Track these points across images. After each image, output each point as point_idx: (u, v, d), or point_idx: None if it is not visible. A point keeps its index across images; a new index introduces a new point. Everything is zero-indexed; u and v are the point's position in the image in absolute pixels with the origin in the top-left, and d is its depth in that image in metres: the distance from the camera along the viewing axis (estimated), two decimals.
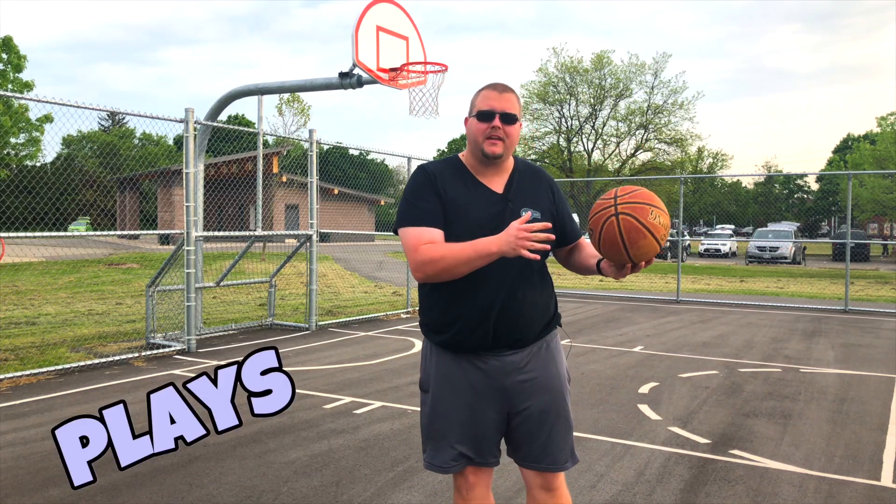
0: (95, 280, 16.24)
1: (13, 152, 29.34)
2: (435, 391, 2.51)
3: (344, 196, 36.52)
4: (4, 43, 27.66)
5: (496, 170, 2.50)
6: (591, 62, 39.43)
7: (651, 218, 2.23)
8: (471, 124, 2.47)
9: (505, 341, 2.43)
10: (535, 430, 2.48)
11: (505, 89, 2.45)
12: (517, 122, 2.45)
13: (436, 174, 2.47)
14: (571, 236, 2.63)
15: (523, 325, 2.43)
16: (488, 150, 2.42)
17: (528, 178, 2.55)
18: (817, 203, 60.58)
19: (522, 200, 2.47)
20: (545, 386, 2.48)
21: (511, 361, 2.45)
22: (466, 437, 2.46)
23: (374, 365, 7.37)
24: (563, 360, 2.59)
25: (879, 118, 43.26)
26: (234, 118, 58.79)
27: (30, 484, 3.96)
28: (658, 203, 2.28)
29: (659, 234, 2.26)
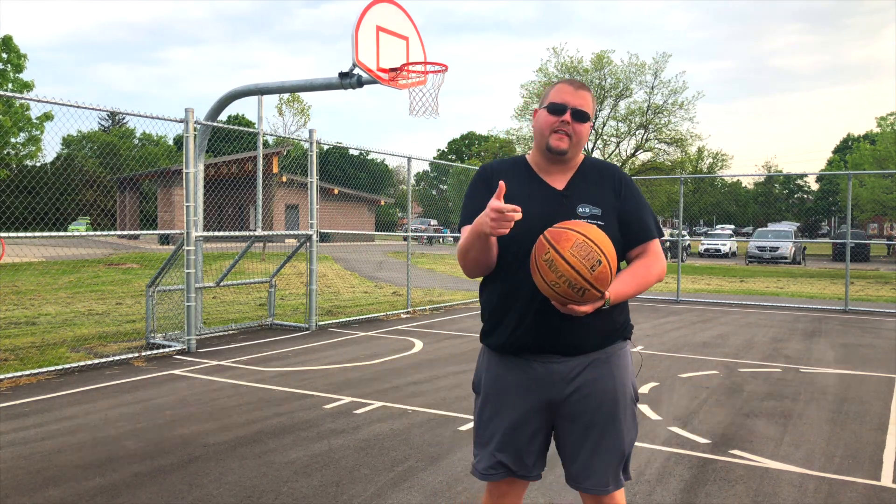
0: (95, 280, 16.24)
1: (13, 152, 29.33)
2: (483, 395, 2.44)
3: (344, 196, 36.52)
4: (4, 43, 27.65)
5: (561, 167, 2.39)
6: (591, 62, 39.42)
7: (543, 256, 2.12)
8: (539, 115, 2.37)
9: (551, 347, 2.30)
10: (578, 448, 2.35)
11: (581, 86, 2.35)
12: (588, 122, 2.34)
13: (494, 171, 2.41)
14: (633, 239, 2.39)
15: (573, 332, 2.28)
16: (553, 145, 2.32)
17: (593, 174, 2.41)
18: (817, 203, 60.60)
19: (581, 197, 2.34)
20: (596, 401, 2.32)
21: (558, 370, 2.31)
22: (508, 446, 2.36)
23: (374, 365, 7.37)
24: (626, 377, 2.38)
25: (879, 118, 43.28)
26: (234, 118, 58.79)
27: (30, 484, 3.96)
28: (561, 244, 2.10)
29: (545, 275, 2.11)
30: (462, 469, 4.25)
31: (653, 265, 2.36)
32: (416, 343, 8.80)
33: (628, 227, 2.36)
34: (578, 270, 2.07)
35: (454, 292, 15.30)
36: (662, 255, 2.41)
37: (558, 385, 2.31)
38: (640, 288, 2.31)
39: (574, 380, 2.31)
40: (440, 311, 12.13)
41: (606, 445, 2.33)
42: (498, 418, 2.38)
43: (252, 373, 6.92)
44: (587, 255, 2.09)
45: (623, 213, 2.35)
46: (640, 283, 2.32)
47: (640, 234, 2.37)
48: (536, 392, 2.33)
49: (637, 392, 2.44)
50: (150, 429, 5.01)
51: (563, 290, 2.09)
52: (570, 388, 2.31)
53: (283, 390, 6.18)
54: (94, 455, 4.44)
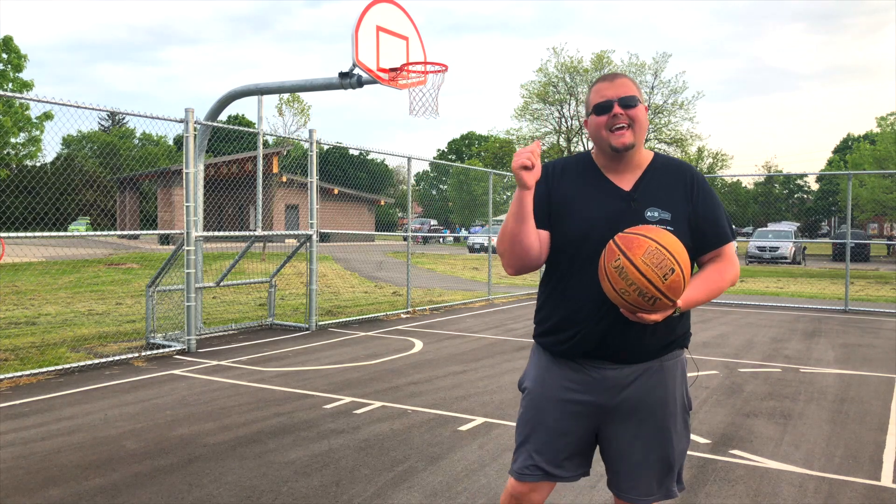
0: (95, 280, 16.24)
1: (13, 152, 29.34)
2: (528, 394, 2.38)
3: (344, 196, 36.54)
4: (4, 43, 27.67)
5: (628, 165, 2.26)
6: (591, 62, 39.45)
7: (613, 263, 2.03)
8: (591, 123, 2.26)
9: (608, 353, 2.22)
10: (623, 457, 2.28)
11: (616, 76, 2.25)
12: (639, 105, 2.22)
13: (555, 169, 2.32)
14: (707, 244, 2.26)
15: (631, 341, 2.20)
16: (616, 143, 2.19)
17: (663, 174, 2.28)
18: (817, 203, 60.58)
19: (650, 199, 2.21)
20: (647, 411, 2.24)
21: (612, 377, 2.24)
22: (548, 448, 2.30)
23: (374, 365, 7.37)
24: (678, 386, 2.30)
25: (879, 118, 43.32)
26: (234, 118, 58.81)
27: (30, 484, 3.96)
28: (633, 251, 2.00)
29: (615, 283, 2.02)
30: (462, 469, 4.25)
31: (726, 270, 2.26)
32: (416, 343, 8.80)
33: (702, 232, 2.25)
34: (650, 279, 1.98)
35: (454, 292, 15.31)
36: (736, 259, 2.32)
37: (610, 392, 2.24)
38: (711, 294, 2.21)
39: (627, 388, 2.24)
40: (440, 311, 12.13)
41: (654, 455, 2.26)
42: (540, 420, 2.32)
43: (252, 373, 6.92)
44: (660, 263, 1.99)
45: (697, 217, 2.24)
46: (713, 289, 2.22)
47: (715, 238, 2.26)
48: (587, 397, 2.26)
49: (691, 401, 2.37)
50: (150, 429, 5.01)
51: (633, 298, 2.01)
52: (621, 396, 2.24)
53: (283, 390, 6.18)
54: (94, 455, 4.44)
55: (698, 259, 2.31)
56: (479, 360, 7.65)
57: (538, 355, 2.39)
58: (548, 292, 2.33)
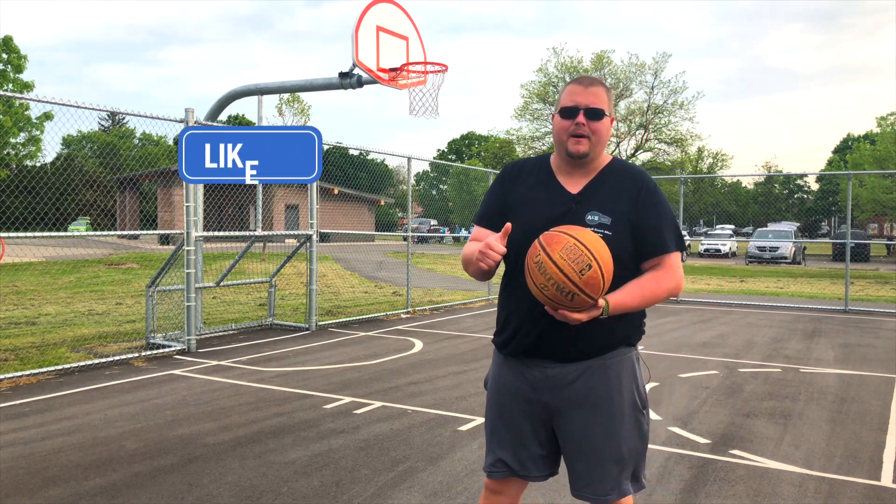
0: (95, 280, 16.24)
1: (13, 152, 29.34)
2: (489, 393, 2.48)
3: (344, 196, 36.53)
4: (5, 43, 27.67)
5: (583, 170, 2.32)
6: (591, 62, 39.46)
7: (534, 259, 2.08)
8: (555, 122, 2.33)
9: (547, 352, 2.27)
10: (575, 455, 2.32)
11: (592, 82, 2.27)
12: (605, 118, 2.26)
13: (513, 171, 2.42)
14: (646, 251, 2.28)
15: (566, 339, 2.24)
16: (572, 149, 2.26)
17: (615, 179, 2.31)
18: (817, 203, 60.56)
19: (593, 203, 2.25)
20: (591, 410, 2.27)
21: (554, 375, 2.28)
22: (508, 444, 2.37)
23: (374, 365, 7.37)
24: (625, 384, 2.31)
25: (879, 118, 43.31)
26: (235, 118, 58.80)
27: (30, 484, 3.96)
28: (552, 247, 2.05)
29: (535, 278, 2.07)
30: (462, 469, 4.25)
31: (664, 279, 2.26)
32: (416, 343, 8.80)
33: (643, 239, 2.25)
34: (567, 274, 2.01)
35: (454, 292, 15.31)
36: (679, 271, 2.30)
37: (552, 391, 2.29)
38: (644, 301, 2.21)
39: (569, 386, 2.28)
40: (440, 311, 12.13)
41: (603, 454, 2.28)
42: (499, 417, 2.40)
43: (252, 373, 6.92)
44: (577, 258, 2.02)
45: (640, 224, 2.24)
46: (647, 295, 2.21)
47: (655, 247, 2.26)
48: (534, 395, 2.32)
49: (645, 399, 2.37)
50: (150, 429, 5.01)
51: (552, 293, 2.05)
52: (564, 395, 2.28)
53: (283, 390, 6.18)
54: (94, 455, 4.44)
55: (640, 266, 2.30)
56: (479, 360, 7.65)
57: (495, 356, 2.50)
58: (501, 292, 2.44)
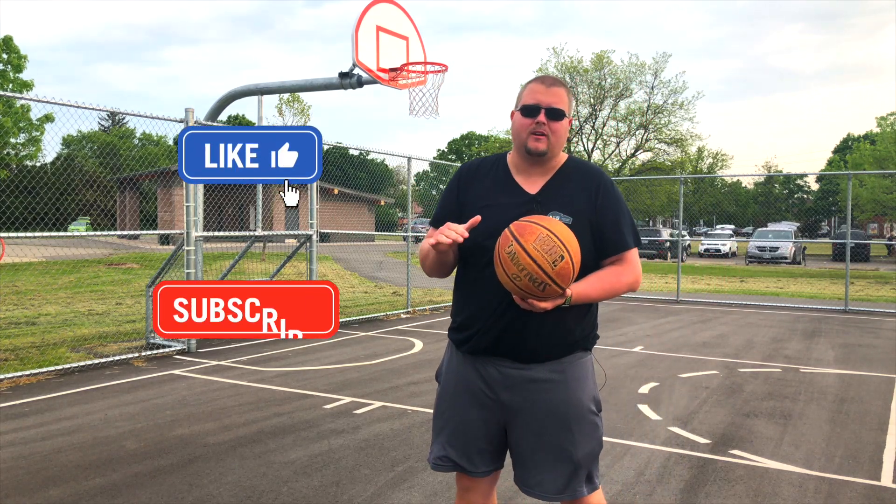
0: (95, 280, 16.24)
1: (13, 152, 29.33)
2: (441, 387, 2.47)
3: (344, 196, 36.51)
4: (5, 43, 27.67)
5: (540, 169, 2.33)
6: (591, 62, 39.45)
7: (507, 248, 2.08)
8: (515, 119, 2.32)
9: (505, 352, 2.28)
10: (526, 455, 2.32)
11: (554, 83, 2.29)
12: (565, 119, 2.28)
13: (467, 173, 2.41)
14: (608, 248, 2.31)
15: (528, 339, 2.25)
16: (531, 146, 2.26)
17: (571, 178, 2.33)
18: (817, 203, 60.57)
19: (554, 203, 2.27)
20: (549, 410, 2.28)
21: (512, 375, 2.29)
22: (457, 439, 2.37)
23: (374, 365, 7.37)
24: (585, 388, 2.33)
25: (879, 118, 43.29)
26: (235, 118, 58.80)
27: (30, 484, 3.96)
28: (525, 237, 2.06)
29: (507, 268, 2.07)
30: None
31: (624, 273, 2.31)
32: (416, 343, 8.80)
33: (602, 236, 2.29)
34: (540, 264, 2.03)
35: None
36: (638, 266, 2.36)
37: (511, 390, 2.29)
38: (605, 293, 2.26)
39: (527, 387, 2.28)
40: (440, 311, 12.13)
41: (557, 455, 2.29)
42: (450, 413, 2.39)
43: (252, 373, 6.92)
44: (550, 249, 2.05)
45: (598, 222, 2.28)
46: (607, 287, 2.26)
47: (615, 243, 2.30)
48: (490, 393, 2.32)
49: (598, 402, 2.39)
50: (150, 429, 5.01)
51: (524, 283, 2.06)
52: (522, 396, 2.29)
53: (283, 390, 6.18)
54: (94, 455, 4.44)
55: (600, 263, 2.33)
56: None
57: (450, 350, 2.47)
58: (456, 291, 2.42)
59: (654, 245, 29.93)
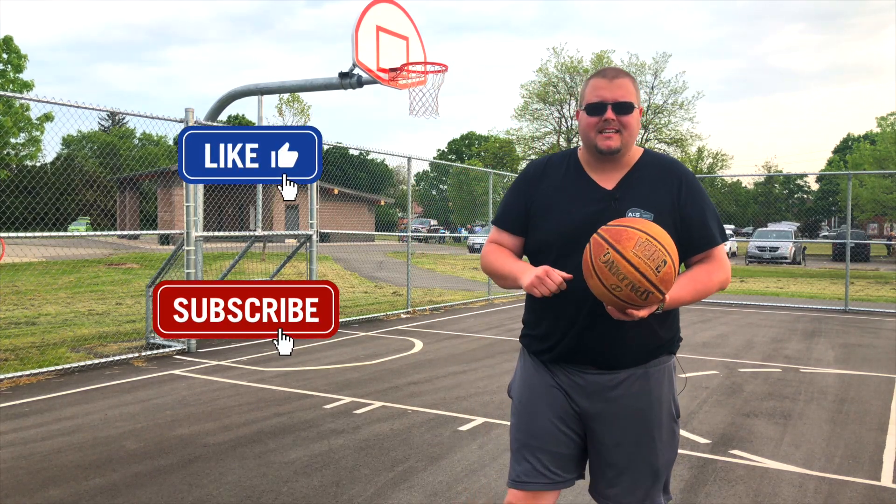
0: (95, 280, 16.24)
1: (13, 152, 29.34)
2: (516, 399, 2.35)
3: (344, 196, 36.51)
4: (5, 43, 27.67)
5: (614, 165, 2.20)
6: (591, 62, 39.46)
7: (602, 257, 1.90)
8: (581, 118, 2.20)
9: (589, 359, 2.18)
10: (607, 464, 2.22)
11: (617, 74, 2.16)
12: (635, 110, 2.15)
13: (537, 170, 2.29)
14: (694, 246, 2.19)
15: (613, 345, 2.15)
16: (602, 145, 2.13)
17: (650, 173, 2.20)
18: (817, 203, 60.57)
19: (632, 199, 2.14)
20: (630, 418, 2.19)
21: (595, 382, 2.19)
22: (540, 452, 2.25)
23: (374, 365, 7.37)
24: (665, 393, 2.23)
25: (879, 118, 43.29)
26: (235, 118, 58.80)
27: (30, 484, 3.96)
28: (622, 244, 1.88)
29: (605, 279, 1.89)
30: (462, 469, 4.25)
31: (715, 272, 2.19)
32: (416, 343, 8.80)
33: (689, 233, 2.17)
34: (643, 272, 1.86)
35: (454, 292, 15.30)
36: (727, 263, 2.24)
37: (592, 398, 2.20)
38: (697, 295, 2.14)
39: (610, 394, 2.19)
40: (440, 311, 12.13)
41: (638, 464, 2.20)
42: (532, 425, 2.27)
43: (252, 373, 6.92)
44: (652, 254, 1.87)
45: (683, 219, 2.16)
46: (699, 289, 2.15)
47: (703, 240, 2.18)
48: (572, 401, 2.23)
49: (678, 409, 2.30)
50: (150, 429, 5.01)
51: (626, 294, 1.89)
52: (604, 403, 2.20)
53: (283, 390, 6.18)
54: (94, 455, 4.44)
55: (687, 261, 2.23)
56: (479, 360, 7.65)
57: (524, 360, 2.36)
58: (530, 297, 2.26)
59: None
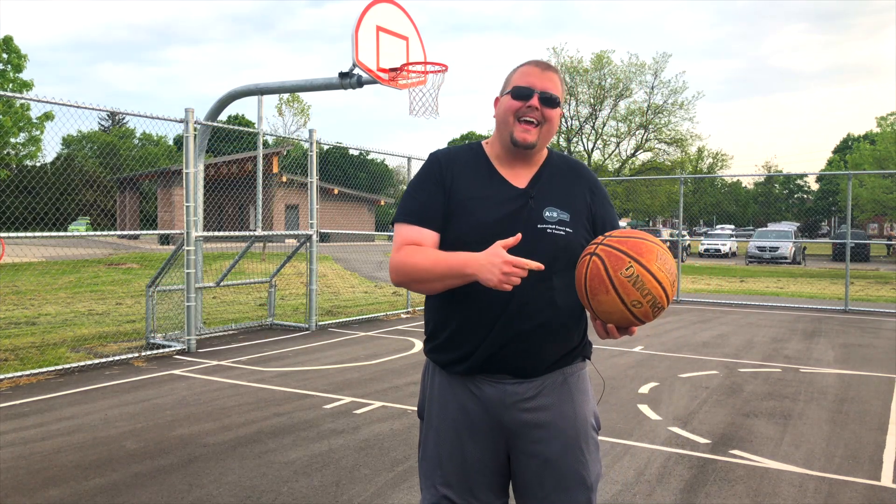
0: (95, 280, 16.24)
1: (13, 152, 29.34)
2: (426, 420, 2.13)
3: (344, 196, 36.53)
4: (5, 43, 27.66)
5: (524, 162, 2.09)
6: (591, 62, 39.46)
7: (623, 271, 1.76)
8: (502, 103, 2.06)
9: (507, 366, 2.00)
10: (536, 482, 2.04)
11: (548, 67, 2.06)
12: (558, 108, 2.05)
13: (447, 161, 2.09)
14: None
15: (528, 351, 2.00)
16: (519, 137, 2.01)
17: (562, 173, 2.12)
18: (817, 203, 60.59)
19: (548, 199, 2.04)
20: (555, 430, 2.02)
21: (512, 392, 2.01)
22: (456, 477, 2.05)
23: (374, 365, 7.37)
24: (587, 402, 2.10)
25: (879, 118, 43.33)
26: (234, 118, 58.80)
27: (30, 484, 3.96)
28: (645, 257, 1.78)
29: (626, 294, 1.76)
30: None
31: None
32: (416, 343, 8.80)
33: (604, 231, 2.06)
34: (665, 288, 1.77)
35: None
36: None
37: (511, 408, 2.02)
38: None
39: (529, 403, 2.02)
40: None
41: (569, 481, 2.03)
42: (447, 446, 2.06)
43: (252, 373, 6.92)
44: (670, 269, 1.79)
45: (596, 218, 2.11)
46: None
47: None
48: (486, 416, 2.03)
49: (598, 418, 2.15)
50: (150, 429, 5.01)
51: (644, 311, 1.77)
52: (526, 414, 2.02)
53: (283, 390, 6.18)
54: (94, 455, 4.44)
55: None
56: None
57: (433, 375, 2.14)
58: (437, 302, 2.08)
59: None
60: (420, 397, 2.20)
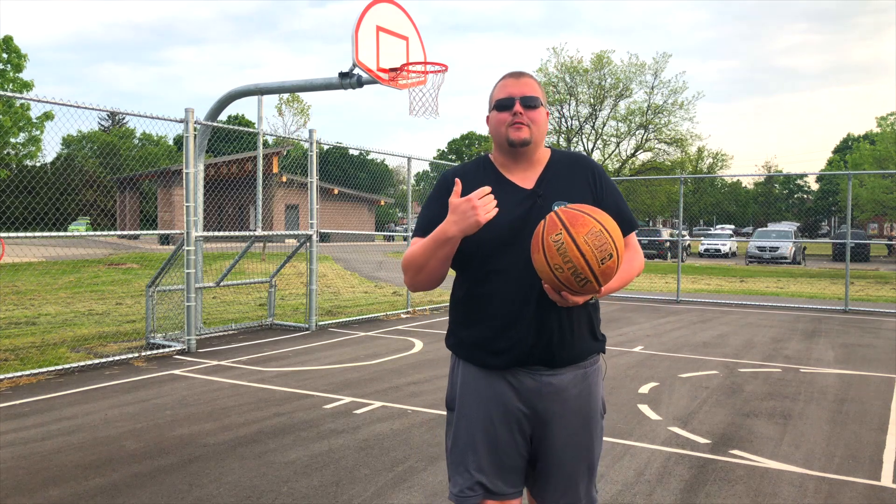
0: (95, 280, 16.24)
1: (13, 152, 29.34)
2: (458, 411, 2.25)
3: (344, 196, 36.53)
4: (5, 43, 27.66)
5: (528, 163, 2.24)
6: (591, 62, 39.44)
7: (553, 236, 1.92)
8: (491, 119, 2.25)
9: (542, 358, 2.15)
10: (552, 466, 2.21)
11: (522, 74, 2.24)
12: (541, 107, 2.21)
13: (455, 177, 2.23)
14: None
15: (567, 342, 2.16)
16: (513, 136, 2.17)
17: (564, 167, 2.26)
18: (817, 203, 60.59)
19: (555, 194, 2.18)
20: (579, 417, 2.21)
21: (548, 383, 2.16)
22: (487, 464, 2.18)
23: (374, 365, 7.37)
24: (600, 391, 2.29)
25: (879, 118, 43.27)
26: (234, 118, 58.80)
27: (30, 484, 3.96)
28: (576, 228, 1.92)
29: (551, 258, 1.91)
30: None
31: (634, 258, 2.27)
32: (416, 343, 8.80)
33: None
34: (588, 260, 1.90)
35: None
36: (640, 247, 2.33)
37: (544, 399, 2.17)
38: (623, 282, 2.19)
39: (559, 395, 2.17)
40: (440, 311, 12.13)
41: (579, 463, 2.22)
42: (478, 434, 2.20)
43: (252, 373, 6.92)
44: (601, 245, 1.91)
45: (602, 207, 2.19)
46: (626, 277, 2.20)
47: (622, 225, 2.20)
48: (522, 406, 2.17)
49: (605, 405, 2.35)
50: (150, 429, 5.01)
51: (565, 276, 1.92)
52: (554, 404, 2.17)
53: (283, 390, 6.18)
54: (94, 455, 4.44)
55: None
56: None
57: (464, 369, 2.26)
58: (464, 303, 2.24)
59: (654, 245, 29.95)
60: (449, 389, 2.33)
